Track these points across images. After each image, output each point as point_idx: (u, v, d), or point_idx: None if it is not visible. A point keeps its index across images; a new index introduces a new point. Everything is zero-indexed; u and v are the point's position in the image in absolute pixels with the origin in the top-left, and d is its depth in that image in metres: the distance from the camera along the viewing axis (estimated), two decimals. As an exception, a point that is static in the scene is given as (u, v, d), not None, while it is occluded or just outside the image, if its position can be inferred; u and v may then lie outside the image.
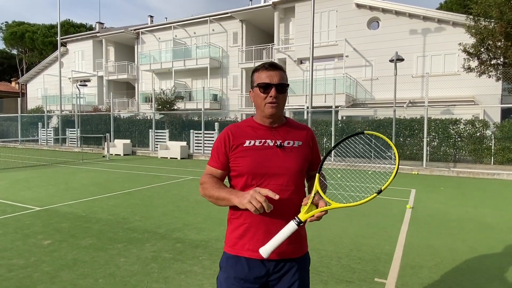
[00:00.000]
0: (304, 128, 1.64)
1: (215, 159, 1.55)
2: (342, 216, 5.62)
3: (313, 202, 1.39)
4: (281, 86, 1.49)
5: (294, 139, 1.56)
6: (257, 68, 1.55)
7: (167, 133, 17.95)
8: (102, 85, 29.18)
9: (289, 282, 1.51)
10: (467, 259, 3.82)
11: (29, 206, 6.06)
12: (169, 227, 4.90)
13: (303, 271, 1.56)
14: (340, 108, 15.93)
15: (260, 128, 1.55)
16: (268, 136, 1.52)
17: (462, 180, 10.13)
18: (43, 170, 11.18)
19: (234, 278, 1.48)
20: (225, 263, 1.53)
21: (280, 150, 1.51)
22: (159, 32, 26.42)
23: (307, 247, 1.63)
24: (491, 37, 12.15)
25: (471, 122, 12.28)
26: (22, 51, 44.79)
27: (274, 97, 1.48)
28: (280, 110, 1.52)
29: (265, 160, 1.48)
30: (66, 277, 3.26)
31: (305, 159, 1.55)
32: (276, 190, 1.41)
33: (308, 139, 1.61)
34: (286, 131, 1.57)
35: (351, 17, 18.74)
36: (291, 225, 1.36)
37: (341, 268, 3.53)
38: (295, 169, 1.50)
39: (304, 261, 1.58)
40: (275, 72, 1.50)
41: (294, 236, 1.41)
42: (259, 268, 1.48)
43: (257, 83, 1.50)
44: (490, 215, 5.85)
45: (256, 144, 1.50)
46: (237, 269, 1.48)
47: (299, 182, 1.51)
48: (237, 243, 1.50)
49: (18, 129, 24.10)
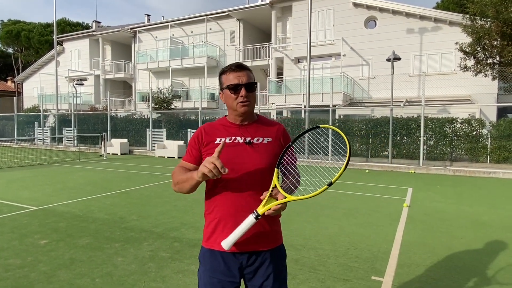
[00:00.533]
0: (274, 125, 1.69)
1: (189, 154, 1.63)
2: (339, 215, 5.64)
3: (272, 195, 1.46)
4: (250, 85, 1.55)
5: (264, 136, 1.61)
6: (224, 70, 1.60)
7: (164, 132, 17.91)
8: (99, 84, 29.07)
9: (264, 275, 1.56)
10: (464, 257, 3.85)
11: (25, 206, 6.04)
12: (167, 226, 4.89)
13: (278, 263, 1.60)
14: (337, 107, 15.96)
15: (232, 126, 1.62)
16: (238, 134, 1.59)
17: (459, 178, 10.18)
18: (40, 169, 11.13)
19: (211, 271, 1.56)
20: (203, 257, 1.62)
21: (249, 146, 1.57)
22: (156, 31, 26.35)
23: (281, 240, 1.67)
24: (487, 36, 12.21)
25: (468, 121, 12.35)
26: (18, 50, 44.52)
27: (245, 96, 1.53)
28: (252, 107, 1.59)
29: (234, 156, 1.54)
30: (63, 276, 3.25)
31: (273, 155, 1.59)
32: (244, 185, 1.52)
33: (279, 135, 1.65)
34: (256, 128, 1.63)
35: (348, 16, 18.77)
36: (250, 219, 1.43)
37: (338, 267, 3.54)
38: (263, 165, 1.55)
39: (278, 253, 1.62)
40: (242, 72, 1.56)
41: (264, 229, 1.53)
42: (233, 262, 1.55)
43: (227, 85, 1.56)
44: (486, 213, 5.89)
45: (226, 141, 1.57)
46: (213, 262, 1.56)
47: (267, 177, 1.54)
48: (211, 237, 1.58)
49: (14, 128, 23.96)
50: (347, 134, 14.45)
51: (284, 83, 19.91)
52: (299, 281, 3.19)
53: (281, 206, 1.44)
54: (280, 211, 1.46)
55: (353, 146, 14.12)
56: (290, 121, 15.60)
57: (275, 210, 1.43)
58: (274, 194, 1.46)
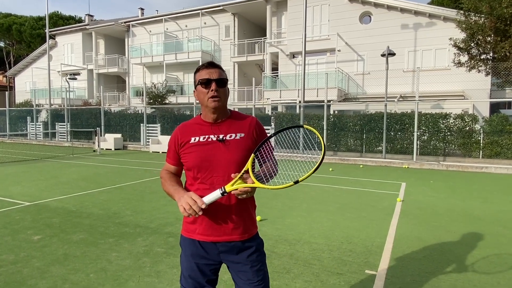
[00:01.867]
0: (247, 119, 1.75)
1: (169, 156, 1.75)
2: (333, 210, 5.67)
3: (242, 178, 1.53)
4: (221, 80, 1.63)
5: (236, 132, 1.68)
6: (198, 68, 1.68)
7: (158, 127, 17.82)
8: (92, 79, 28.77)
9: (244, 261, 1.67)
10: (456, 251, 3.90)
11: (18, 201, 5.98)
12: (161, 221, 4.89)
13: (255, 249, 1.70)
14: (332, 103, 15.98)
15: (205, 125, 1.69)
16: (211, 132, 1.66)
17: (451, 173, 10.28)
18: (33, 164, 11.03)
19: (191, 255, 1.69)
20: (183, 243, 1.74)
21: (222, 143, 1.64)
22: (150, 25, 26.09)
23: (255, 229, 1.76)
24: (481, 32, 12.28)
25: (461, 117, 12.44)
26: (10, 44, 43.83)
27: (215, 91, 1.61)
28: (223, 103, 1.65)
29: (208, 154, 1.63)
30: (56, 272, 3.24)
31: (246, 149, 1.65)
32: (220, 181, 1.60)
33: (251, 129, 1.71)
34: (229, 124, 1.69)
35: (343, 11, 18.74)
36: (216, 193, 1.52)
37: (332, 261, 3.57)
38: (236, 161, 1.62)
39: (254, 242, 1.71)
40: (214, 69, 1.64)
41: (238, 220, 1.64)
42: (211, 249, 1.67)
43: (199, 80, 1.64)
44: (478, 208, 5.96)
45: (201, 140, 1.65)
46: (192, 248, 1.69)
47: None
48: (190, 228, 1.69)
49: (6, 123, 23.66)
50: (341, 130, 14.51)
51: (279, 78, 19.88)
52: (293, 276, 3.21)
53: (247, 189, 1.51)
54: (246, 194, 1.52)
55: (348, 141, 14.18)
56: (285, 116, 15.60)
57: (242, 191, 1.51)
58: (245, 178, 1.53)
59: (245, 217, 1.69)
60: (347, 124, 14.15)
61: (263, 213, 5.31)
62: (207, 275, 1.70)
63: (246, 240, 1.68)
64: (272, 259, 3.58)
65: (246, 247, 1.68)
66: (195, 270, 1.68)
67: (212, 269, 1.70)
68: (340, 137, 14.26)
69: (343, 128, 14.18)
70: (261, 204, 5.84)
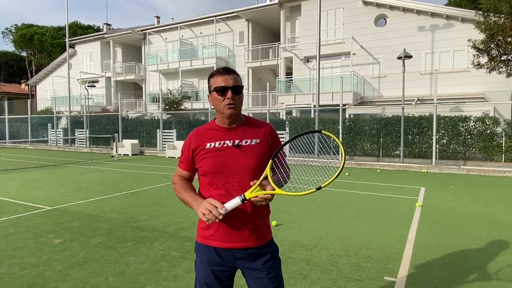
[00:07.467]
0: (262, 126, 1.74)
1: (182, 162, 1.73)
2: (351, 215, 5.59)
3: (261, 185, 1.52)
4: (237, 88, 1.61)
5: (252, 138, 1.67)
6: (212, 74, 1.65)
7: (174, 132, 18.04)
8: (110, 86, 29.44)
9: (260, 268, 1.65)
10: (479, 258, 3.77)
11: (40, 206, 6.15)
12: (178, 226, 4.92)
13: (271, 256, 1.69)
14: (347, 107, 15.83)
15: (220, 130, 1.67)
16: (227, 137, 1.65)
17: (473, 178, 10.00)
18: (53, 170, 11.33)
19: (207, 262, 1.68)
20: (198, 250, 1.73)
21: (238, 149, 1.63)
22: (165, 32, 26.55)
23: (270, 235, 1.75)
24: (501, 32, 11.94)
25: (481, 119, 12.10)
26: (31, 53, 45.41)
27: (231, 99, 1.59)
28: (238, 110, 1.64)
29: (224, 160, 1.61)
30: (77, 275, 3.30)
31: (262, 155, 1.65)
32: (236, 187, 1.59)
33: (267, 136, 1.71)
34: (244, 130, 1.68)
35: (358, 15, 18.61)
36: (236, 200, 1.51)
37: (350, 267, 3.51)
38: (252, 166, 1.62)
39: (268, 248, 1.70)
40: (229, 75, 1.61)
41: (254, 226, 1.63)
42: (227, 256, 1.66)
43: (214, 87, 1.62)
44: (501, 213, 5.76)
45: (216, 145, 1.64)
46: (208, 255, 1.68)
47: (258, 177, 1.58)
48: (205, 234, 1.68)
49: (28, 130, 24.44)
50: (357, 134, 14.34)
51: (293, 83, 19.85)
52: (310, 281, 3.18)
53: (268, 196, 1.50)
54: (266, 201, 1.52)
55: (364, 145, 13.99)
56: (300, 121, 15.53)
57: (262, 198, 1.50)
58: (264, 184, 1.53)
59: (261, 223, 1.68)
60: (363, 128, 13.98)
61: (278, 218, 5.29)
62: (223, 281, 1.69)
63: (261, 246, 1.67)
64: (289, 264, 3.55)
65: (262, 254, 1.67)
66: (211, 277, 1.67)
67: (228, 275, 1.70)
68: (356, 141, 14.09)
69: (359, 132, 14.00)
70: (276, 209, 5.81)
